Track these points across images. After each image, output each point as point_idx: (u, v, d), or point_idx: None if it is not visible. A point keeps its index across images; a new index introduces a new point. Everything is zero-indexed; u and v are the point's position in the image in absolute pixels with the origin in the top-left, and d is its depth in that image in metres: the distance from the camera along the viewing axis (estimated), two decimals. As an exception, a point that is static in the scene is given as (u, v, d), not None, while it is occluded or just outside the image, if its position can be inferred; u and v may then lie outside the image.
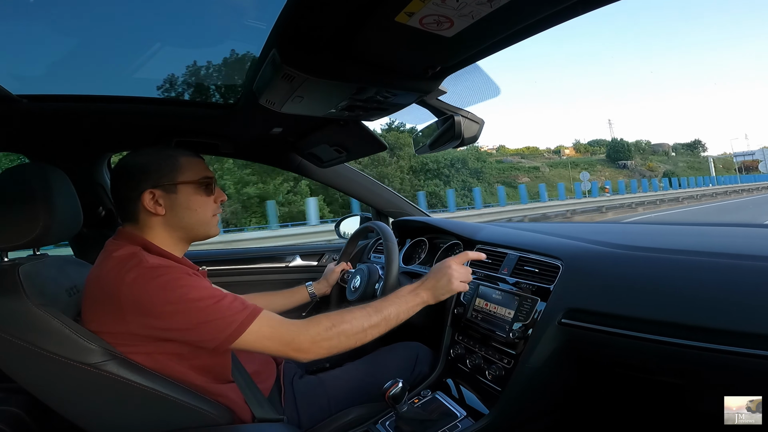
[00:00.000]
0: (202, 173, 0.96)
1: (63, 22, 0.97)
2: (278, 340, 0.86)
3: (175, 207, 0.93)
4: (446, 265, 1.06)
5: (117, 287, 0.81)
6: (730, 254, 0.89)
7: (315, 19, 0.71)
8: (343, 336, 0.90)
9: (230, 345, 0.83)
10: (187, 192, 0.94)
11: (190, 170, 0.95)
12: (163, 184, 0.92)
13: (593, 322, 0.91)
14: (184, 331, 0.82)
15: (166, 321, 0.81)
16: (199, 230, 0.97)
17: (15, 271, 0.83)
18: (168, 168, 0.93)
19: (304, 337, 0.87)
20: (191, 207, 0.95)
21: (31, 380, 0.84)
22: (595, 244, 1.08)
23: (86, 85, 1.14)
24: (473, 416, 1.04)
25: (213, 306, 0.82)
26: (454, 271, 1.05)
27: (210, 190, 0.97)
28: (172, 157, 0.94)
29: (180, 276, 0.84)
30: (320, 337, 0.88)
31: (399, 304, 0.99)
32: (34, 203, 0.87)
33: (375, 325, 0.94)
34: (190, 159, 0.97)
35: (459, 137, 1.05)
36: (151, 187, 0.91)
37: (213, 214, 0.99)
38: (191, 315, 0.81)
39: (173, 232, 0.95)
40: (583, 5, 0.66)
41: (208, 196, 0.97)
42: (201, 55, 1.17)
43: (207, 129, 1.39)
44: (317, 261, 1.92)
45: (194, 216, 0.95)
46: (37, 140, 1.30)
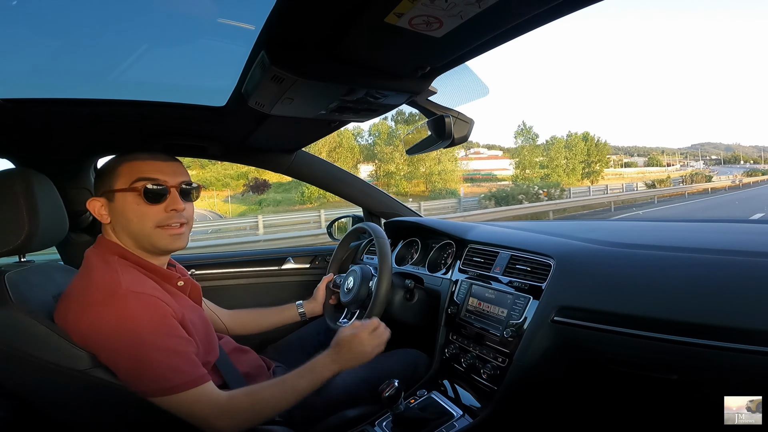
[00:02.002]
0: (138, 176, 0.89)
1: (46, 24, 0.95)
2: (198, 414, 0.83)
3: (116, 216, 0.90)
4: (358, 340, 1.03)
5: (84, 309, 0.80)
6: (719, 250, 0.90)
7: (304, 21, 0.71)
8: (261, 414, 0.89)
9: (154, 398, 0.80)
10: (124, 200, 0.89)
11: (127, 176, 0.89)
12: (104, 190, 0.89)
13: (586, 320, 0.91)
14: (117, 369, 0.80)
15: (107, 354, 0.80)
16: (143, 242, 0.91)
17: (1, 278, 0.82)
18: (110, 174, 0.89)
19: (222, 417, 0.84)
20: (127, 216, 0.89)
21: (19, 386, 0.83)
22: (586, 241, 1.09)
23: (71, 88, 1.12)
24: (469, 415, 1.04)
25: (158, 359, 0.80)
26: (366, 345, 1.03)
27: (152, 197, 0.90)
28: (120, 162, 0.90)
29: (145, 311, 0.81)
30: (238, 416, 0.86)
31: (313, 379, 0.96)
32: (18, 210, 0.86)
33: (290, 402, 0.93)
34: (137, 163, 0.90)
35: (449, 137, 1.05)
36: (97, 194, 0.90)
37: (159, 225, 0.91)
38: (133, 360, 0.79)
39: (127, 239, 0.91)
40: (571, 4, 0.66)
41: (149, 204, 0.90)
42: (189, 56, 1.16)
43: (195, 131, 1.37)
44: (309, 264, 1.92)
45: (132, 226, 0.90)
46: (22, 145, 1.28)
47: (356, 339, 1.03)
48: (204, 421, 0.83)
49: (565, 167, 32.64)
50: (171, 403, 0.81)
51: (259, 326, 1.35)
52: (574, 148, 33.42)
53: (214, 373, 0.94)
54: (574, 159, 33.27)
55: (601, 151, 35.16)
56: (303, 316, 1.42)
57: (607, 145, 36.95)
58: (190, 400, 0.82)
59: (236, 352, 1.11)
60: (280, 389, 0.92)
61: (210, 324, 1.00)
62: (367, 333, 1.05)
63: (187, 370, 0.82)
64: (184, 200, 0.95)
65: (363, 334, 1.04)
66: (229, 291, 1.77)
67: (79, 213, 1.40)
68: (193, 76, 1.22)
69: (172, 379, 0.80)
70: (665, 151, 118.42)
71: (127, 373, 0.80)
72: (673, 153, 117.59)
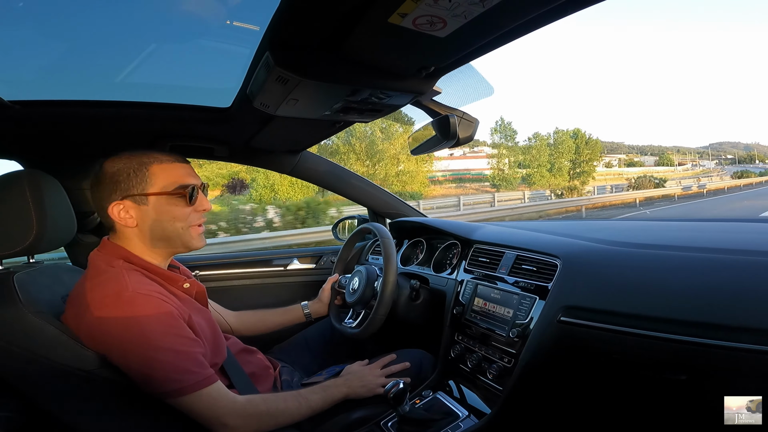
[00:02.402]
0: (178, 181, 0.91)
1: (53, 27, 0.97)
2: (212, 413, 0.84)
3: (146, 219, 0.89)
4: (365, 372, 1.12)
5: (92, 311, 0.81)
6: (728, 249, 0.89)
7: (307, 21, 0.71)
8: (273, 422, 0.90)
9: (166, 399, 0.82)
10: (158, 203, 0.89)
11: (162, 179, 0.89)
12: (132, 195, 0.88)
13: (593, 320, 0.91)
14: (129, 370, 0.81)
15: (118, 356, 0.81)
16: (175, 243, 0.93)
17: (10, 279, 0.83)
18: (137, 178, 0.88)
19: (236, 418, 0.86)
20: (163, 219, 0.90)
21: (27, 386, 0.84)
22: (592, 241, 1.08)
23: (78, 90, 1.13)
24: (475, 415, 1.04)
25: (167, 360, 0.81)
26: (369, 380, 1.09)
27: (188, 199, 0.91)
28: (144, 165, 0.89)
29: (153, 312, 0.82)
30: (252, 420, 0.88)
31: (325, 396, 1.01)
32: (26, 211, 0.86)
33: (303, 415, 0.95)
34: (165, 166, 0.91)
35: (454, 137, 1.05)
36: (119, 198, 0.88)
37: (191, 225, 0.93)
38: (143, 360, 0.80)
39: (150, 243, 0.92)
40: (575, 4, 0.66)
41: (185, 207, 0.91)
42: (194, 58, 1.17)
43: (201, 133, 1.38)
44: (315, 264, 1.92)
45: (168, 228, 0.91)
46: (30, 146, 1.30)
47: (364, 374, 1.11)
48: (217, 420, 0.84)
49: (550, 167, 28.66)
50: (184, 403, 0.82)
51: (265, 327, 1.36)
52: (561, 146, 29.13)
53: (221, 374, 0.94)
54: (561, 158, 29.15)
55: (593, 149, 30.55)
56: (308, 316, 1.42)
57: (599, 143, 32.26)
58: (206, 398, 0.83)
59: (243, 353, 1.12)
60: (294, 400, 0.95)
61: (217, 326, 1.00)
62: (375, 367, 1.15)
63: (195, 371, 0.83)
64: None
65: (369, 370, 1.13)
66: (234, 292, 1.78)
67: (86, 214, 1.41)
68: (198, 77, 1.23)
69: (182, 380, 0.81)
70: (680, 150, 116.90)
71: (138, 373, 0.81)
72: (689, 152, 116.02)
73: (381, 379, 1.10)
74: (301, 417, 0.95)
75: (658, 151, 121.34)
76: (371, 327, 1.22)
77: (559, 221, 2.55)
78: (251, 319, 1.34)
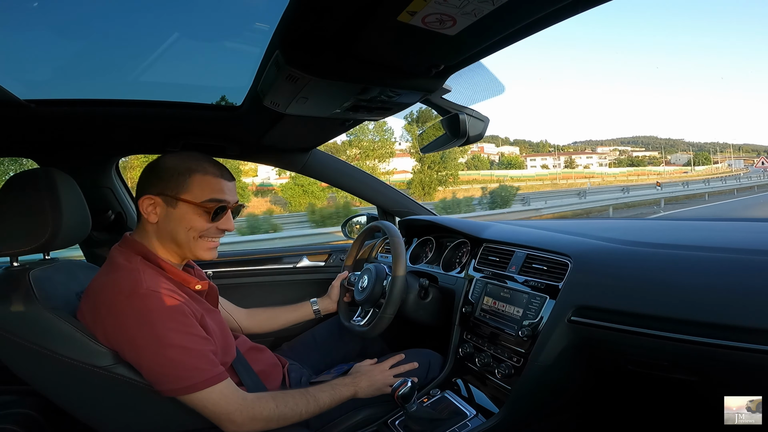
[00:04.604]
0: (212, 195, 0.92)
1: (67, 26, 0.98)
2: (221, 410, 0.85)
3: (168, 219, 0.91)
4: (373, 372, 1.12)
5: (107, 307, 0.82)
6: (740, 249, 0.87)
7: (318, 20, 0.71)
8: (281, 419, 0.91)
9: (176, 396, 0.83)
10: (185, 209, 0.91)
11: (198, 189, 0.91)
12: (166, 194, 0.90)
13: (603, 320, 0.90)
14: (141, 367, 0.83)
15: (130, 353, 0.82)
16: (184, 249, 0.95)
17: (26, 276, 0.84)
18: (178, 180, 0.90)
19: (245, 414, 0.87)
20: (182, 225, 0.92)
21: (43, 383, 0.85)
22: (603, 240, 1.07)
23: (92, 89, 1.15)
24: (483, 415, 1.03)
25: (179, 358, 0.82)
26: (377, 380, 1.10)
27: (213, 216, 0.92)
28: (190, 171, 0.91)
29: (166, 310, 0.83)
30: (261, 416, 0.88)
31: (333, 394, 1.01)
32: (42, 208, 0.88)
33: (311, 413, 0.96)
34: (208, 178, 0.92)
35: (464, 135, 1.05)
36: (155, 193, 0.90)
37: (205, 237, 0.94)
38: (155, 357, 0.82)
39: (164, 242, 0.94)
40: (586, 2, 0.65)
41: (207, 221, 0.92)
42: (206, 57, 1.18)
43: (213, 131, 1.39)
44: (324, 261, 1.93)
45: (183, 234, 0.92)
46: (45, 145, 1.32)
47: (373, 373, 1.11)
48: (227, 417, 0.85)
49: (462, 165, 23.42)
50: (195, 400, 0.83)
51: (275, 324, 1.37)
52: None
53: (230, 372, 0.95)
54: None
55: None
56: (318, 313, 1.43)
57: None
58: (217, 394, 0.84)
59: (252, 351, 1.13)
60: (303, 398, 0.95)
61: (227, 327, 1.02)
62: (384, 368, 1.14)
63: (206, 368, 0.84)
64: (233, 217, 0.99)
65: (379, 369, 1.13)
66: (244, 289, 1.80)
67: (101, 211, 1.43)
68: (209, 76, 1.24)
69: (193, 376, 0.82)
70: (725, 149, 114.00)
71: (149, 370, 0.82)
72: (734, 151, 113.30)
73: (389, 378, 1.10)
74: (309, 415, 0.95)
75: (715, 148, 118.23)
76: (380, 325, 1.22)
77: (569, 220, 2.52)
78: (261, 317, 1.35)
